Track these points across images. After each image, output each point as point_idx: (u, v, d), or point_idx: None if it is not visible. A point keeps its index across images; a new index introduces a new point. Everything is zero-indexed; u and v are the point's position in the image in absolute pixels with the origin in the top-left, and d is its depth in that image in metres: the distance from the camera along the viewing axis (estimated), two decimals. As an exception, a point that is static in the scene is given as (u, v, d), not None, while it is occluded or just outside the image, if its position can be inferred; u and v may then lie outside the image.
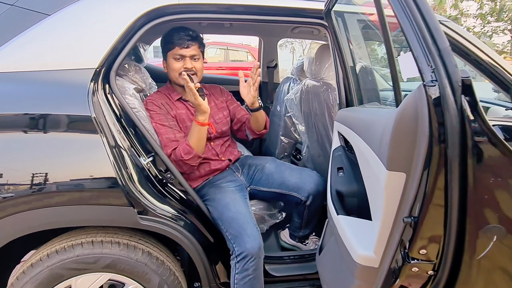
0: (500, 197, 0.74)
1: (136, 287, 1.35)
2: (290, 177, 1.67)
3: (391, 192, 0.81)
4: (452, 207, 0.73)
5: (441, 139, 0.72)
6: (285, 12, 1.54)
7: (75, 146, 1.22)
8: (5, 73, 1.22)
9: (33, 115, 1.19)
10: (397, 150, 0.79)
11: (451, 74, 0.72)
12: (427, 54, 0.75)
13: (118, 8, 1.34)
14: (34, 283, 1.25)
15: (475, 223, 0.74)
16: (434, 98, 0.73)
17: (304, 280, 1.61)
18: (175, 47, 1.57)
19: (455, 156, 0.71)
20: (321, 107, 1.86)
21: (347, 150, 1.31)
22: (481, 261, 0.76)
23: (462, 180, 0.73)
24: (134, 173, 1.29)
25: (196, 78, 1.62)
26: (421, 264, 0.80)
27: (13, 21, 1.27)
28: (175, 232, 1.34)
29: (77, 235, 1.33)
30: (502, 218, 0.73)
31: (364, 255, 0.96)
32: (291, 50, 23.48)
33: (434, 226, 0.76)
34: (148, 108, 1.57)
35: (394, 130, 0.79)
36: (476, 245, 0.75)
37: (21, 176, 1.18)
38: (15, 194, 1.16)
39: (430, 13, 0.77)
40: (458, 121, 0.70)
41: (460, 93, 0.71)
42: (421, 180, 0.74)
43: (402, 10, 0.80)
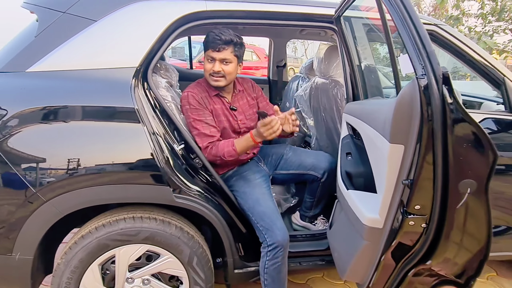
0: (471, 158, 0.95)
1: (170, 257, 1.55)
2: (307, 158, 1.88)
3: (393, 161, 1.01)
4: (438, 168, 0.94)
5: (429, 118, 0.94)
6: (296, 17, 1.74)
7: (121, 134, 1.43)
8: (62, 71, 1.42)
9: (87, 107, 1.40)
10: (397, 127, 0.99)
11: (435, 70, 0.94)
12: (419, 55, 0.97)
13: (155, 15, 1.54)
14: (84, 252, 1.45)
15: (454, 180, 0.94)
16: (424, 87, 0.95)
17: (314, 256, 1.81)
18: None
19: (439, 129, 0.92)
20: (329, 102, 2.06)
21: (354, 138, 1.50)
22: (460, 210, 0.96)
23: (444, 147, 0.94)
24: (169, 157, 1.49)
25: (225, 80, 1.70)
26: (416, 218, 1.00)
27: (65, 26, 1.47)
28: (205, 210, 1.54)
29: (120, 212, 1.53)
30: (473, 174, 0.94)
31: (371, 217, 1.16)
32: (293, 49, 23.61)
33: (425, 185, 0.97)
34: (189, 101, 1.67)
35: (395, 111, 1.00)
36: (456, 196, 0.96)
37: (76, 159, 1.38)
38: (75, 174, 1.36)
39: (421, 27, 0.98)
40: (440, 103, 0.93)
41: (441, 83, 0.93)
42: (415, 149, 0.95)
43: (401, 24, 1.02)
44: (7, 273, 1.45)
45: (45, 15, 1.48)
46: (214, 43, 1.64)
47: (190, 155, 1.62)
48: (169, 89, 1.74)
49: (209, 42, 1.66)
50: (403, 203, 1.01)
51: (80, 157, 1.38)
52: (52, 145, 1.38)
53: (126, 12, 1.51)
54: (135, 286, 1.54)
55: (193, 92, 1.70)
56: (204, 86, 1.77)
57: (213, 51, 1.66)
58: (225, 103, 1.80)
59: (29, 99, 1.37)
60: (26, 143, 1.35)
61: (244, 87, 1.91)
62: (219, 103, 1.78)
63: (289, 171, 1.89)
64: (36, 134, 1.36)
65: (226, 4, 1.62)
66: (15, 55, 1.44)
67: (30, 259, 1.42)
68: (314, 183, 1.90)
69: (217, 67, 1.67)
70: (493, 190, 1.76)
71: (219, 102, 1.78)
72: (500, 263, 2.51)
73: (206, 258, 1.60)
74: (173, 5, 1.56)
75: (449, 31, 1.84)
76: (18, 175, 1.34)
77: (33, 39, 1.45)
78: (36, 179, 1.35)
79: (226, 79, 1.70)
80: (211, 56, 1.67)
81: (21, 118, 1.34)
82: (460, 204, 0.94)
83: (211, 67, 1.68)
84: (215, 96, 1.77)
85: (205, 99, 1.73)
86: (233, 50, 1.67)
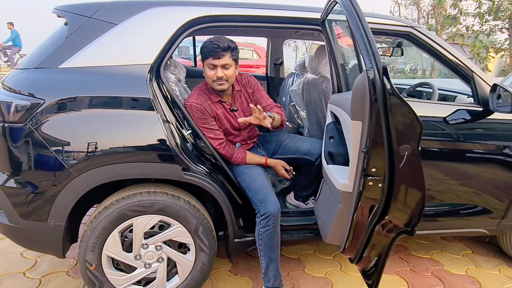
0: (405, 129, 1.22)
1: (179, 227, 1.81)
2: (303, 145, 2.15)
3: (355, 134, 1.28)
4: (384, 137, 1.20)
5: (375, 99, 1.23)
6: (289, 20, 1.99)
7: (139, 120, 1.69)
8: (88, 67, 1.69)
9: (111, 97, 1.66)
10: (355, 107, 1.26)
11: (378, 64, 1.21)
12: (368, 54, 1.25)
13: (166, 19, 1.80)
14: (107, 220, 1.70)
15: (396, 145, 1.20)
16: (371, 77, 1.23)
17: (304, 229, 2.07)
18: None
19: (382, 108, 1.18)
20: (319, 95, 2.31)
21: (336, 124, 1.76)
22: (402, 169, 1.22)
23: (386, 122, 1.20)
24: (179, 141, 1.75)
25: (227, 83, 1.88)
26: (374, 179, 1.26)
27: (91, 29, 1.74)
28: (209, 185, 1.80)
29: (136, 187, 1.79)
30: (408, 140, 1.21)
31: (343, 183, 1.42)
32: (294, 48, 23.86)
33: (377, 151, 1.23)
34: (193, 113, 1.85)
35: (353, 95, 1.30)
36: (398, 158, 1.22)
37: (102, 141, 1.64)
38: (100, 154, 1.63)
39: (370, 34, 1.28)
40: (381, 88, 1.21)
41: (382, 74, 1.22)
42: (369, 124, 1.21)
43: (358, 32, 1.31)
44: (43, 238, 1.71)
45: (74, 20, 1.74)
46: (214, 51, 1.80)
47: (196, 139, 1.88)
48: (178, 83, 2.00)
49: (209, 51, 1.81)
50: (363, 168, 1.27)
51: (105, 139, 1.65)
52: (81, 129, 1.64)
53: (142, 17, 1.78)
54: (149, 251, 1.80)
55: (196, 103, 1.87)
56: (206, 94, 1.93)
57: (214, 58, 1.81)
58: (225, 107, 2.00)
59: (62, 90, 1.63)
60: (60, 127, 1.62)
61: (242, 85, 2.07)
62: (221, 109, 1.98)
63: (287, 155, 2.15)
64: (68, 120, 1.62)
65: (227, 9, 1.88)
66: (49, 54, 1.70)
67: (62, 225, 1.69)
68: (309, 166, 2.16)
69: (220, 73, 1.83)
70: (460, 172, 2.03)
71: (220, 108, 1.98)
72: (475, 242, 2.77)
73: (210, 228, 1.86)
74: (182, 10, 1.82)
75: (424, 32, 2.08)
76: (54, 154, 1.60)
77: (64, 40, 1.72)
78: (68, 158, 1.62)
79: (229, 82, 1.89)
80: (212, 63, 1.83)
81: (56, 106, 1.61)
82: (401, 163, 1.20)
83: (214, 74, 1.84)
84: (217, 103, 1.96)
85: (208, 107, 1.90)
86: (231, 55, 1.84)
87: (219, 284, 2.14)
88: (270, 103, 2.15)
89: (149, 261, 1.80)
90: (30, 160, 1.61)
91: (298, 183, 2.26)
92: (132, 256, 1.77)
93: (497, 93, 2.01)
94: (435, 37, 2.12)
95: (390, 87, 1.18)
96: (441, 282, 2.23)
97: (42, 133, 1.60)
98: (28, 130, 1.59)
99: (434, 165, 2.03)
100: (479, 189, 2.11)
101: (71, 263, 2.29)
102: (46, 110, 1.60)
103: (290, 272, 2.28)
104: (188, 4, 1.84)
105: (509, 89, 1.97)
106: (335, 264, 2.39)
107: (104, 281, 1.76)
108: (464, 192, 2.09)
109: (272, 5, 1.95)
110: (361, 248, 1.45)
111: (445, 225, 2.18)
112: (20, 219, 1.66)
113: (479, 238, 2.80)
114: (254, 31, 2.77)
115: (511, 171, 2.10)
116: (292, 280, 2.19)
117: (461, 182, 2.06)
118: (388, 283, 2.19)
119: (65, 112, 1.62)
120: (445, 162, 2.06)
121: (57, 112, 1.61)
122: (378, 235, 1.35)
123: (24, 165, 1.63)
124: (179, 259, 1.83)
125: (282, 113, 2.09)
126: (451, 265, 2.43)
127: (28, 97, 1.61)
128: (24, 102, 1.59)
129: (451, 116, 2.04)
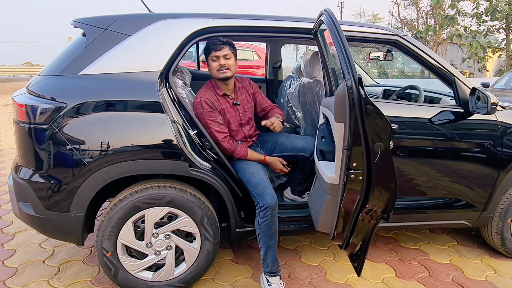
0: (378, 129, 1.42)
1: (186, 218, 1.99)
2: (298, 142, 2.35)
3: (339, 134, 1.48)
4: (361, 136, 1.40)
5: (353, 105, 1.44)
6: (285, 30, 2.18)
7: (150, 121, 1.88)
8: (105, 74, 1.88)
9: (125, 101, 1.85)
10: (338, 111, 1.46)
11: (354, 75, 1.42)
12: (347, 67, 1.46)
13: (174, 30, 1.99)
14: (122, 211, 1.90)
15: (371, 143, 1.40)
16: (349, 86, 1.43)
17: (299, 221, 2.26)
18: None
19: (358, 112, 1.39)
20: (313, 98, 2.51)
21: (327, 124, 1.95)
22: (377, 163, 1.41)
23: (362, 123, 1.39)
24: (186, 140, 1.94)
25: (230, 71, 2.12)
26: (355, 172, 1.45)
27: (107, 40, 1.93)
28: (213, 180, 1.99)
29: (148, 182, 1.98)
30: (381, 139, 1.41)
31: (330, 176, 1.62)
32: (295, 48, 24.03)
33: (356, 149, 1.43)
34: (203, 105, 2.08)
35: (336, 100, 1.50)
36: (374, 154, 1.41)
37: (117, 140, 1.84)
38: (115, 152, 1.82)
39: (348, 50, 1.48)
40: (357, 96, 1.40)
41: (358, 83, 1.42)
42: (349, 125, 1.40)
43: (339, 48, 1.51)
44: (65, 228, 1.91)
45: (91, 31, 1.94)
46: (215, 45, 2.08)
47: (201, 139, 2.07)
48: (184, 87, 2.20)
49: (211, 46, 2.09)
50: (346, 163, 1.47)
51: (120, 139, 1.84)
52: (99, 129, 1.83)
53: (152, 29, 1.97)
54: (159, 240, 1.99)
55: (205, 97, 2.12)
56: (212, 90, 2.18)
57: (216, 51, 2.09)
58: (229, 101, 2.24)
59: (82, 95, 1.83)
60: (81, 128, 1.81)
61: (243, 85, 2.35)
62: (225, 103, 2.22)
63: (283, 153, 2.35)
64: (88, 121, 1.82)
65: (229, 21, 2.07)
66: (69, 62, 1.90)
67: (82, 216, 1.88)
68: (303, 162, 2.36)
69: (222, 61, 2.10)
70: (444, 169, 2.22)
71: (225, 102, 2.22)
72: (460, 233, 2.97)
73: (214, 219, 2.06)
74: (188, 22, 2.01)
75: (409, 40, 2.27)
76: (75, 152, 1.80)
77: (82, 50, 1.92)
78: (88, 155, 1.81)
79: (231, 70, 2.13)
80: (215, 55, 2.10)
81: (77, 109, 1.80)
82: (376, 158, 1.40)
83: (217, 64, 2.11)
84: (222, 97, 2.20)
85: (215, 102, 2.15)
86: (230, 48, 2.12)
87: (222, 271, 2.34)
88: (270, 103, 2.44)
89: (159, 249, 1.99)
90: (54, 157, 1.81)
91: (294, 178, 2.45)
92: (144, 244, 1.97)
93: (476, 95, 2.20)
94: (420, 44, 2.31)
95: (364, 95, 1.38)
96: (426, 269, 2.42)
97: (64, 133, 1.79)
98: (52, 130, 1.79)
99: (420, 162, 2.22)
100: (462, 184, 2.30)
101: (85, 253, 2.49)
102: (68, 113, 1.79)
103: (288, 261, 2.47)
104: (193, 16, 2.04)
105: (486, 92, 2.16)
106: (329, 254, 2.58)
107: (119, 267, 1.95)
108: (448, 187, 2.29)
109: (269, 16, 2.15)
110: (348, 234, 1.65)
111: (433, 217, 2.37)
112: (45, 210, 1.86)
113: (465, 231, 2.99)
114: (253, 39, 2.97)
115: (489, 167, 2.30)
116: (289, 268, 2.39)
117: (445, 178, 2.25)
118: (378, 270, 2.39)
119: (85, 114, 1.81)
120: (430, 159, 2.25)
121: (78, 115, 1.80)
122: (362, 221, 1.54)
123: (48, 162, 1.82)
124: (186, 247, 2.03)
125: (281, 114, 2.38)
126: (437, 255, 2.62)
127: (51, 101, 1.80)
128: (49, 106, 1.79)
129: (436, 117, 2.22)
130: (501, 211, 2.44)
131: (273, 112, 2.40)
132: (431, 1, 13.41)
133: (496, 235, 2.51)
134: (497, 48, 13.76)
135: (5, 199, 3.44)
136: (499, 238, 2.51)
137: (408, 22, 24.21)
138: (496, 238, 2.52)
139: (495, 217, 2.46)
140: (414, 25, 23.25)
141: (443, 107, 2.30)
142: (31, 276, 2.21)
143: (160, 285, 2.02)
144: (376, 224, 1.55)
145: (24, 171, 1.89)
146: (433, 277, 2.34)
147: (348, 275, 2.32)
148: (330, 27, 1.56)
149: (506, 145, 2.30)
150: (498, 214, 2.45)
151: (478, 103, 2.20)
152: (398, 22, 24.72)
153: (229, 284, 2.20)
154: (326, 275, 2.32)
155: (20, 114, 1.83)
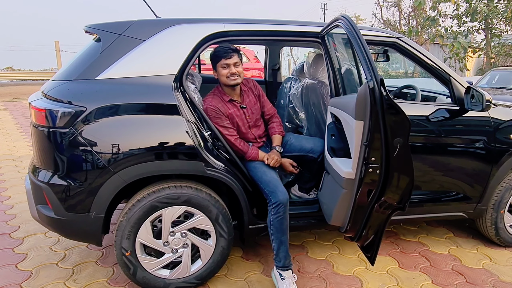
0: (397, 125, 1.52)
1: (202, 216, 2.06)
2: (307, 143, 2.43)
3: (358, 132, 1.58)
4: (381, 133, 1.50)
5: (374, 103, 1.52)
6: (293, 34, 2.28)
7: (168, 123, 1.94)
8: (121, 78, 1.93)
9: (142, 104, 1.91)
10: (358, 110, 1.56)
11: (376, 76, 1.51)
12: (368, 67, 1.54)
13: (187, 35, 2.06)
14: (141, 211, 1.95)
15: (390, 138, 1.51)
16: (371, 87, 1.52)
17: (308, 216, 2.36)
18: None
19: (380, 110, 1.49)
20: (317, 98, 2.60)
21: (336, 123, 2.06)
22: (396, 158, 1.52)
23: (383, 120, 1.49)
24: (201, 141, 2.01)
25: (240, 78, 2.20)
26: (373, 166, 1.55)
27: (122, 45, 1.98)
28: (227, 179, 2.06)
29: (164, 183, 2.04)
30: (400, 134, 1.51)
31: (347, 171, 1.72)
32: (289, 52, 24.14)
33: (375, 144, 1.53)
34: (209, 113, 2.15)
35: (357, 100, 1.58)
36: (392, 149, 1.52)
37: (136, 142, 1.89)
38: (135, 153, 1.88)
39: (369, 52, 1.57)
40: (379, 95, 1.50)
41: (380, 84, 1.51)
42: (369, 123, 1.51)
43: (359, 50, 1.60)
44: (85, 228, 1.95)
45: (107, 37, 1.99)
46: (226, 53, 2.15)
47: (215, 140, 2.15)
48: (196, 91, 2.26)
49: (221, 54, 2.15)
50: (364, 158, 1.57)
51: (138, 141, 1.90)
52: (118, 132, 1.88)
53: (166, 34, 2.04)
54: (176, 238, 2.05)
55: (211, 104, 2.18)
56: (218, 96, 2.24)
57: (226, 59, 2.15)
58: (236, 105, 2.30)
59: (101, 99, 1.88)
60: (100, 131, 1.86)
61: (248, 87, 2.41)
62: (232, 108, 2.28)
63: (292, 153, 2.43)
64: (107, 124, 1.87)
65: (239, 25, 2.15)
66: (86, 67, 1.94)
67: (102, 217, 1.93)
68: (311, 162, 2.45)
69: (233, 69, 2.17)
70: (441, 164, 2.35)
71: (232, 107, 2.28)
72: (456, 225, 3.12)
73: (228, 217, 2.13)
74: (201, 27, 2.08)
75: (407, 42, 2.40)
76: (95, 155, 1.85)
77: (98, 55, 1.96)
78: (107, 157, 1.86)
79: (240, 77, 2.22)
80: (225, 63, 2.16)
81: (96, 113, 1.85)
82: (395, 153, 1.51)
83: (228, 71, 2.17)
84: (228, 102, 2.27)
85: (222, 107, 2.21)
86: (238, 55, 2.19)
87: (233, 268, 2.41)
88: (270, 108, 2.51)
89: (175, 247, 2.05)
90: (75, 159, 1.85)
91: (302, 177, 2.54)
92: (161, 243, 2.02)
93: (471, 94, 2.34)
94: (417, 46, 2.44)
95: (386, 95, 1.49)
96: (427, 260, 2.55)
97: (84, 137, 1.84)
98: (72, 134, 1.83)
99: (419, 158, 2.34)
100: (459, 178, 2.44)
101: (97, 254, 2.53)
102: (88, 116, 1.84)
103: (295, 256, 2.57)
104: (205, 21, 2.11)
105: (481, 90, 2.30)
106: (334, 248, 2.68)
107: (138, 265, 2.00)
108: (445, 181, 2.42)
109: (277, 20, 2.24)
110: (361, 227, 1.75)
111: (433, 210, 2.50)
112: (66, 212, 1.90)
113: (460, 223, 3.14)
114: (260, 42, 3.06)
115: (483, 161, 2.44)
116: (298, 263, 2.48)
117: (443, 172, 2.39)
118: (382, 262, 2.50)
119: (104, 117, 1.86)
120: (428, 155, 2.38)
121: (97, 118, 1.85)
122: (376, 213, 1.65)
123: (69, 164, 1.86)
124: (202, 244, 2.10)
125: (280, 125, 2.50)
126: (436, 246, 2.75)
127: (71, 105, 1.85)
128: (69, 110, 1.83)
129: (433, 114, 2.35)
130: (495, 203, 2.59)
131: (272, 128, 2.48)
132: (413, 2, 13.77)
133: (490, 226, 2.66)
134: (477, 48, 14.23)
135: (7, 204, 3.43)
136: (493, 228, 2.66)
137: (390, 23, 24.73)
138: (490, 228, 2.67)
139: (489, 208, 2.60)
140: (396, 26, 23.77)
141: (439, 105, 2.43)
142: (46, 278, 2.24)
143: (177, 282, 2.09)
144: (391, 214, 1.65)
145: (43, 174, 1.92)
146: (434, 266, 2.46)
147: (354, 267, 2.43)
148: (351, 33, 1.66)
149: (499, 140, 2.44)
150: (492, 206, 2.60)
151: (473, 101, 2.34)
152: (381, 24, 25.22)
153: (242, 280, 2.28)
154: (333, 268, 2.42)
155: (40, 118, 1.87)
